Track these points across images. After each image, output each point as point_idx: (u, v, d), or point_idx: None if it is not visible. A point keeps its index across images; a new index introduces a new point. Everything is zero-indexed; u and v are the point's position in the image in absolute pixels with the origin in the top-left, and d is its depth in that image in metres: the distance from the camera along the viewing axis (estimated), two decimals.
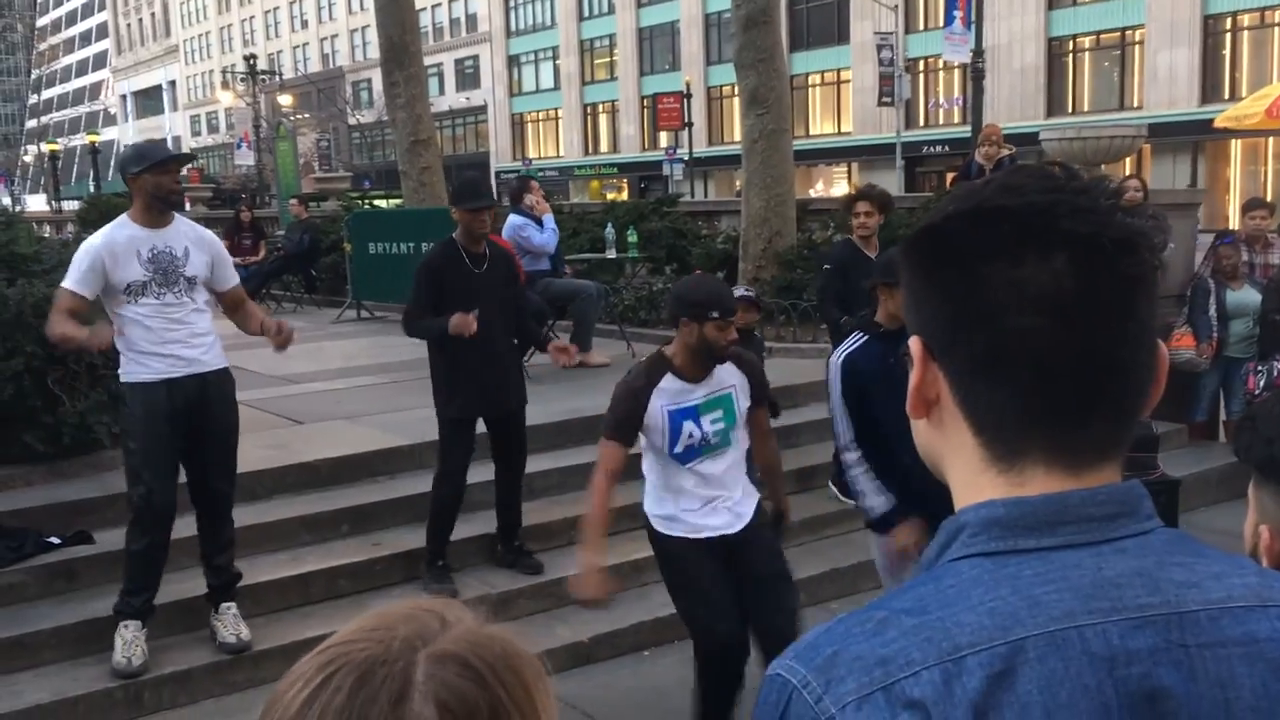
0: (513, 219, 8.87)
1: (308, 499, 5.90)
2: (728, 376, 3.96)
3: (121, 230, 4.61)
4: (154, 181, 4.55)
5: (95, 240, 4.61)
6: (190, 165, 6.21)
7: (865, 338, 4.13)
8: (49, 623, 4.83)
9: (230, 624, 4.86)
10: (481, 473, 5.69)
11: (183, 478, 4.78)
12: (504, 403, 5.52)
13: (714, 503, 3.98)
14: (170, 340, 4.61)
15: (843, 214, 6.75)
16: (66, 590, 5.09)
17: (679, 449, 3.90)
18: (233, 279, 4.98)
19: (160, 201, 4.61)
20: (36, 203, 57.55)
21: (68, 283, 4.53)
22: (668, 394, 3.87)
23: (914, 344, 0.95)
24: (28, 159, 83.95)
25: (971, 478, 0.93)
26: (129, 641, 4.63)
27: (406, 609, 0.84)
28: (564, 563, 5.77)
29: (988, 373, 0.90)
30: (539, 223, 8.90)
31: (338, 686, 0.77)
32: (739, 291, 6.30)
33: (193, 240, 4.73)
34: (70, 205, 39.90)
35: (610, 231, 10.95)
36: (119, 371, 4.70)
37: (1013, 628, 0.82)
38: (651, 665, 5.23)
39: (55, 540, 5.26)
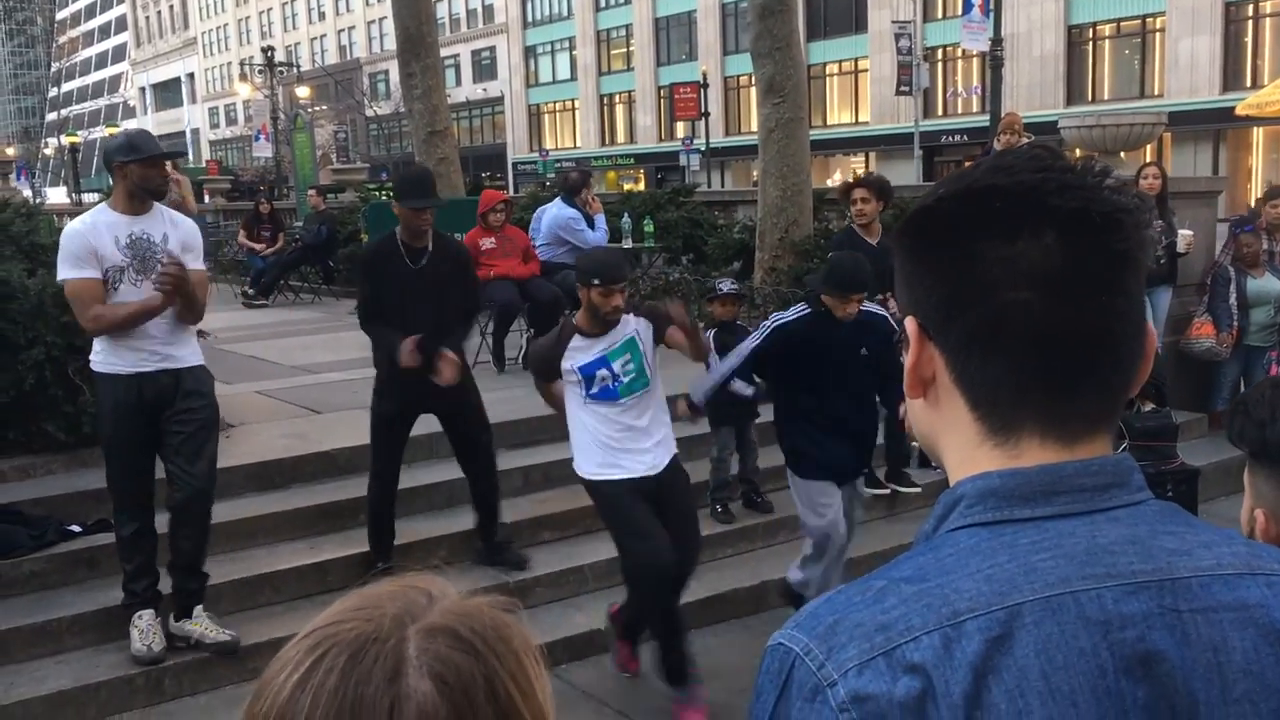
0: (563, 210, 8.77)
1: (325, 488, 5.93)
2: (629, 326, 4.55)
3: (100, 216, 4.58)
4: (140, 173, 4.51)
5: (76, 225, 4.58)
6: (173, 159, 6.10)
7: (806, 311, 4.90)
8: (70, 610, 4.87)
9: (214, 623, 4.80)
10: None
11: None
12: (442, 399, 5.31)
13: (637, 446, 4.53)
14: (145, 334, 4.53)
15: (840, 202, 6.90)
16: (87, 578, 5.14)
17: (595, 390, 4.51)
18: (197, 264, 4.71)
19: (145, 193, 4.58)
20: (57, 195, 57.92)
21: (71, 274, 4.46)
22: (578, 351, 4.50)
23: (909, 324, 0.97)
24: (48, 152, 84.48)
25: (968, 452, 0.95)
26: (145, 629, 4.66)
27: (390, 587, 0.84)
28: (582, 551, 5.80)
29: (982, 348, 0.91)
30: (589, 221, 8.83)
31: (329, 667, 0.77)
32: (723, 287, 6.38)
33: (170, 226, 4.65)
34: (90, 197, 40.12)
35: (627, 221, 10.94)
36: (90, 357, 4.64)
37: (1010, 593, 0.84)
38: None
39: (76, 528, 5.31)
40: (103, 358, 4.57)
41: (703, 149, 40.65)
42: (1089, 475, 0.90)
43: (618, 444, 4.51)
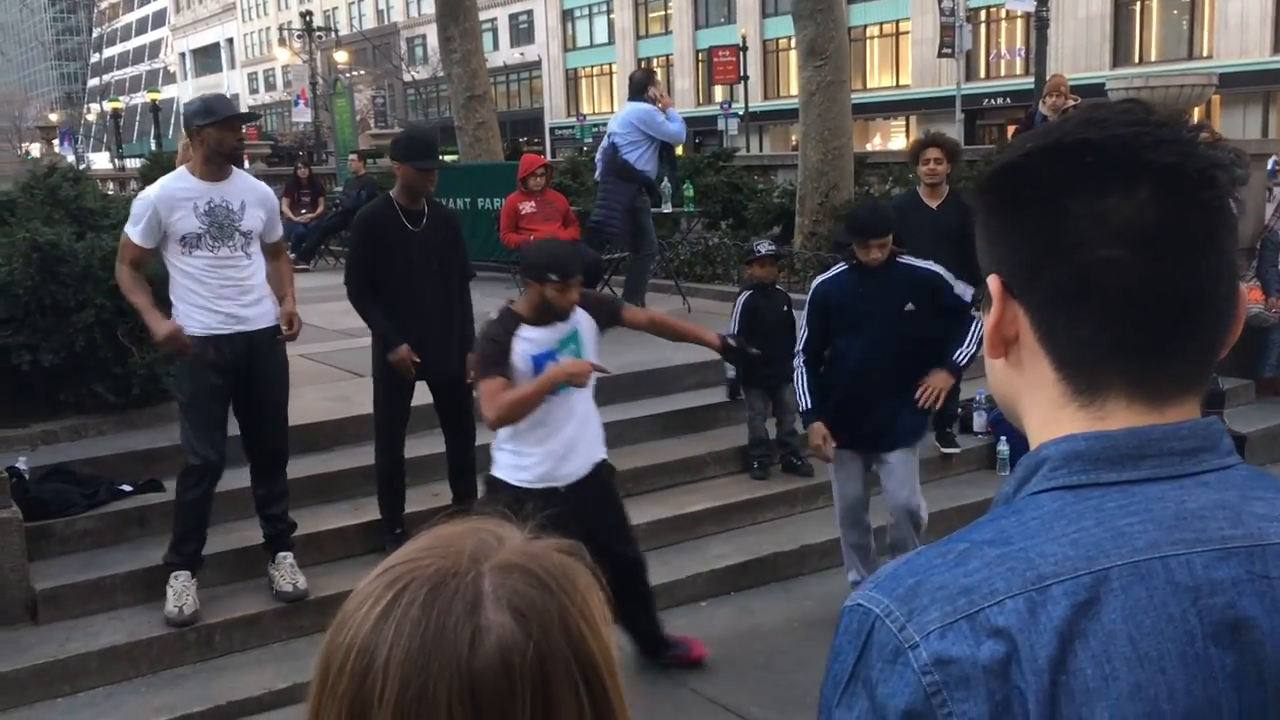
0: (640, 106, 8.59)
1: (368, 450, 5.97)
2: (573, 317, 4.31)
3: (179, 183, 4.66)
4: (217, 136, 4.59)
5: (150, 192, 4.66)
6: (250, 123, 6.33)
7: (843, 268, 4.88)
8: (122, 567, 4.98)
9: (287, 573, 4.95)
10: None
11: (235, 430, 4.87)
12: (443, 368, 5.31)
13: (570, 449, 4.27)
14: (222, 296, 4.66)
15: (909, 162, 6.57)
16: (138, 536, 5.24)
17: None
18: (278, 233, 4.99)
19: (221, 156, 4.65)
20: (100, 160, 58.47)
21: (132, 232, 4.60)
22: (528, 342, 4.19)
23: (992, 282, 0.95)
24: (90, 117, 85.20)
25: (1051, 414, 0.93)
26: (179, 591, 4.73)
27: (461, 528, 0.86)
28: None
29: (1070, 307, 0.90)
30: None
31: (411, 600, 0.80)
32: (760, 248, 6.33)
33: (250, 195, 4.74)
34: (132, 163, 40.48)
35: (667, 186, 10.90)
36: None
37: (1097, 558, 0.83)
38: (709, 616, 5.28)
39: (127, 488, 5.41)
40: (181, 322, 4.68)
41: (741, 113, 40.32)
42: (1178, 439, 0.89)
43: (550, 441, 4.26)
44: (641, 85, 8.78)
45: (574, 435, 4.29)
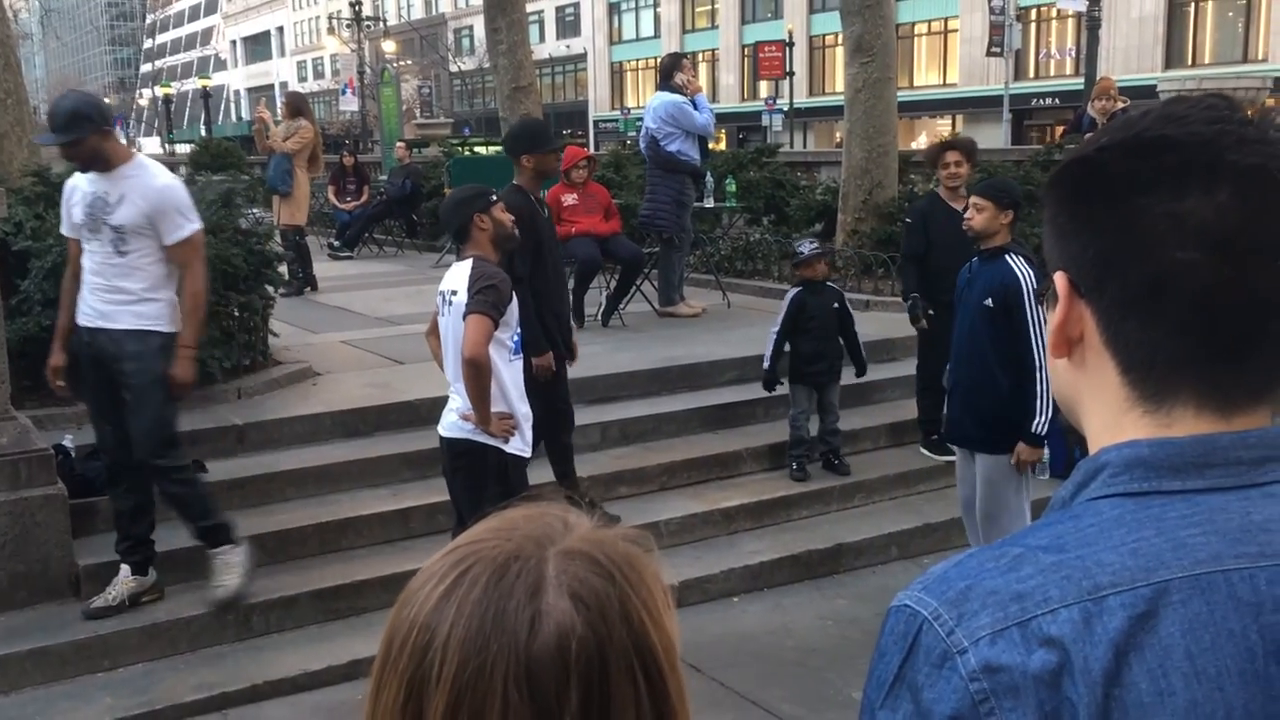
0: (668, 97, 8.50)
1: (408, 436, 6.04)
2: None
3: (78, 177, 4.62)
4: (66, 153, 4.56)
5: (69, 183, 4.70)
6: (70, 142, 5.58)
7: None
8: (164, 546, 5.02)
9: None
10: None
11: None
12: (568, 346, 5.46)
13: (525, 418, 4.32)
14: (91, 289, 4.55)
15: (928, 166, 6.56)
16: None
17: (517, 337, 4.31)
18: (175, 235, 4.50)
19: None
20: (151, 145, 59.27)
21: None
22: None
23: (1059, 280, 0.92)
24: (142, 102, 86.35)
25: (1114, 418, 0.90)
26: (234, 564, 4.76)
27: (531, 512, 0.87)
28: (657, 507, 5.85)
29: (1141, 310, 0.87)
30: (693, 104, 8.53)
31: (474, 580, 0.81)
32: (804, 248, 6.29)
33: (135, 190, 4.47)
34: (182, 148, 41.00)
35: (709, 181, 10.89)
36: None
37: (1157, 569, 0.81)
38: (741, 612, 5.28)
39: None
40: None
41: (785, 109, 40.14)
42: (1245, 448, 0.85)
43: (518, 407, 4.30)
44: (668, 71, 8.74)
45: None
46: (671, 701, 0.83)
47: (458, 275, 4.26)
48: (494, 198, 4.31)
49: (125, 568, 4.71)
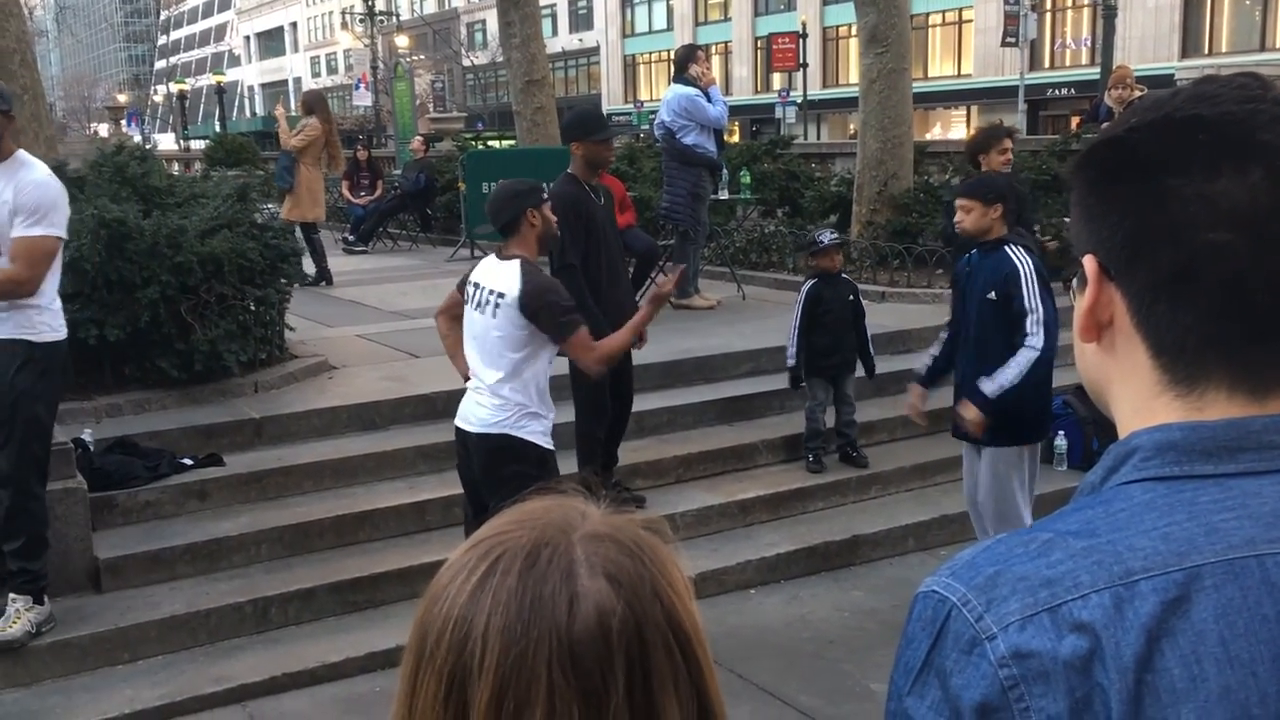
0: (682, 90, 8.48)
1: (424, 429, 6.05)
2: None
3: None
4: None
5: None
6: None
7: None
8: (182, 539, 5.08)
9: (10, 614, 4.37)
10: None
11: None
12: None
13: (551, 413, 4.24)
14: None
15: (980, 151, 6.47)
16: (199, 509, 5.34)
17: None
18: (30, 229, 4.12)
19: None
20: (165, 141, 59.44)
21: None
22: None
23: (1088, 263, 0.91)
24: (157, 98, 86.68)
25: (1144, 402, 0.89)
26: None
27: (544, 503, 0.88)
28: (673, 499, 5.85)
29: (1172, 292, 0.86)
30: (706, 96, 8.52)
31: (506, 569, 0.81)
32: (824, 238, 6.27)
33: (11, 184, 4.13)
34: (197, 144, 41.11)
35: (724, 173, 10.87)
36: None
37: (1189, 554, 0.80)
38: (758, 604, 5.28)
39: (188, 461, 5.51)
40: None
41: (799, 101, 40.02)
42: (1278, 431, 0.84)
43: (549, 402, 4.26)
44: (683, 63, 8.72)
45: None
46: (705, 676, 0.84)
47: (503, 275, 4.07)
48: (545, 195, 4.15)
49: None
